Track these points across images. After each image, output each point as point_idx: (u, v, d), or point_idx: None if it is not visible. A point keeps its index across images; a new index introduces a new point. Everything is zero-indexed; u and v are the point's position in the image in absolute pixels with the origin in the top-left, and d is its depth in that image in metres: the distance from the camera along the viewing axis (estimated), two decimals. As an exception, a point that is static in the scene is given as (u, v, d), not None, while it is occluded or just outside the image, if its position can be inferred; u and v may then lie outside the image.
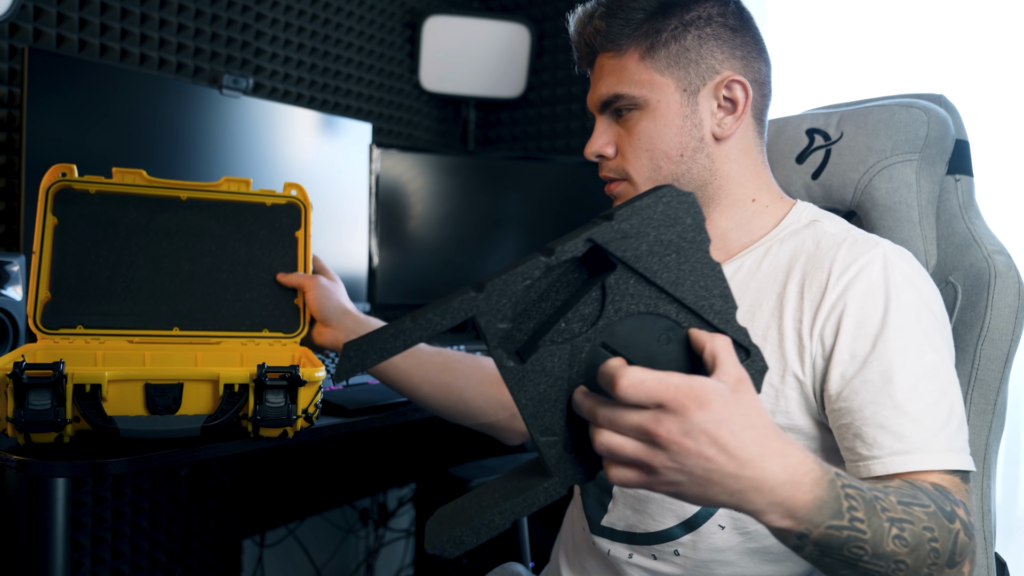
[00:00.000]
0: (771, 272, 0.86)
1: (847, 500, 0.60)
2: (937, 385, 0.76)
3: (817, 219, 0.89)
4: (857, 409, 0.76)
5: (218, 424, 0.89)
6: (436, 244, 1.93)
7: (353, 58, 2.00)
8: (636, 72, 0.87)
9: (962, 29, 1.53)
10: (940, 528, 0.64)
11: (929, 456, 0.73)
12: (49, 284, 0.99)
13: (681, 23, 0.86)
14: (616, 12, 0.88)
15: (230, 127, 1.54)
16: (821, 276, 0.81)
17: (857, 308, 0.78)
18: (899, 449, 0.73)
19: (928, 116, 0.95)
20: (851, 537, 0.60)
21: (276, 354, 1.06)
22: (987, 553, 0.90)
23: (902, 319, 0.77)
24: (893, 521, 0.62)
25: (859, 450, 0.76)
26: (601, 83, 0.90)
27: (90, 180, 1.02)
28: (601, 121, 0.92)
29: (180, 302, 1.05)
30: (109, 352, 1.00)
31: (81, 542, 1.52)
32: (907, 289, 0.79)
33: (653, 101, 0.87)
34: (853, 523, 0.60)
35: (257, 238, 1.09)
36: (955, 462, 0.73)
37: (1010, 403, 0.95)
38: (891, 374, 0.75)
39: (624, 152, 0.90)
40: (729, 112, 0.88)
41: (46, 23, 1.41)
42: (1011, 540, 1.48)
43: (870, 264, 0.80)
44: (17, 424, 0.82)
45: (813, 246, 0.84)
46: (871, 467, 0.75)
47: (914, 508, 0.64)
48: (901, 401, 0.74)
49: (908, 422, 0.74)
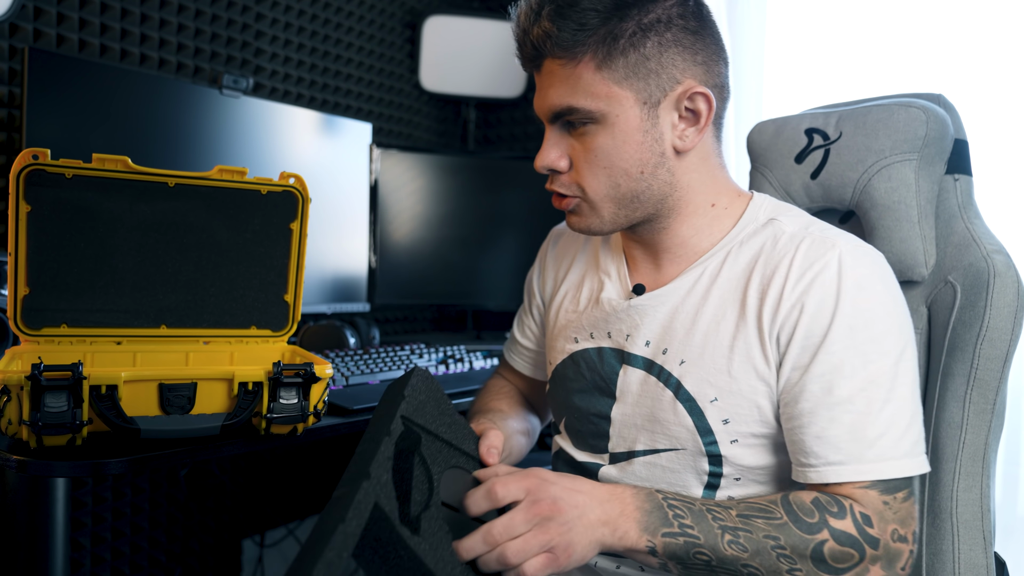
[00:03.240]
0: (732, 279, 0.85)
1: (671, 509, 0.74)
2: (879, 394, 0.77)
3: (775, 216, 0.87)
4: (797, 416, 0.79)
5: (236, 422, 0.89)
6: (436, 244, 1.93)
7: (353, 58, 2.00)
8: (592, 84, 0.80)
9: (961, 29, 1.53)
10: (788, 537, 0.74)
11: (859, 467, 0.76)
12: (27, 277, 0.93)
13: (639, 27, 0.79)
14: (566, 13, 0.79)
15: (230, 127, 1.54)
16: (779, 280, 0.81)
17: (808, 318, 0.78)
18: (833, 460, 0.77)
19: (927, 116, 0.95)
20: (688, 543, 0.73)
21: (266, 353, 1.05)
22: (987, 553, 0.90)
23: (846, 329, 0.77)
24: (726, 529, 0.74)
25: (799, 457, 0.79)
26: (552, 92, 0.83)
27: (66, 164, 0.92)
28: (552, 132, 0.85)
29: (166, 297, 1.01)
30: (97, 353, 0.98)
31: (81, 542, 1.52)
32: (856, 296, 0.78)
33: (611, 116, 0.81)
34: (684, 529, 0.73)
35: (249, 228, 1.03)
36: (886, 471, 0.76)
37: (1010, 403, 0.96)
38: (831, 386, 0.77)
39: (579, 167, 0.84)
40: (691, 124, 0.83)
41: (46, 23, 1.41)
42: (1011, 540, 1.48)
43: (825, 269, 0.79)
44: (33, 427, 0.81)
45: (772, 249, 0.83)
46: (808, 475, 0.78)
47: (755, 520, 0.75)
48: (838, 414, 0.77)
49: (844, 433, 0.76)
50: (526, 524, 0.70)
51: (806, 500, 0.76)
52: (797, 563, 0.73)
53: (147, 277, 1.00)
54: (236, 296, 1.04)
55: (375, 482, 0.64)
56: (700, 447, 0.84)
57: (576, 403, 0.95)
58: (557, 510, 0.71)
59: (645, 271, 0.93)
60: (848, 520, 0.75)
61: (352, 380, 1.25)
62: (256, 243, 1.04)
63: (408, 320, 2.21)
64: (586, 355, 0.94)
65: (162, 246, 1.00)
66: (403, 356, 1.42)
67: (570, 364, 0.96)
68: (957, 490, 0.91)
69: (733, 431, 0.82)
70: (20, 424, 0.83)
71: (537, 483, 0.73)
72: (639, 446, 0.88)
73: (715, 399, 0.83)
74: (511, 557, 0.69)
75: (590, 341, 0.94)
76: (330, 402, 1.14)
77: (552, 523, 0.71)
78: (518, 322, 1.13)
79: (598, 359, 0.93)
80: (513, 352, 1.14)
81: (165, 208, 0.99)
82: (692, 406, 0.84)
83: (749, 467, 0.83)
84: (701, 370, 0.84)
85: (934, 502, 0.92)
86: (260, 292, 1.05)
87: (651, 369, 0.88)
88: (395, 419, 0.72)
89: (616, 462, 0.90)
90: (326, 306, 1.73)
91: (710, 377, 0.83)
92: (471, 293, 1.96)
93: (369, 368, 1.31)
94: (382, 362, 1.36)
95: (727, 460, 0.83)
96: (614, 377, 0.91)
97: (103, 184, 0.96)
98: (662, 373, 0.86)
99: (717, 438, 0.83)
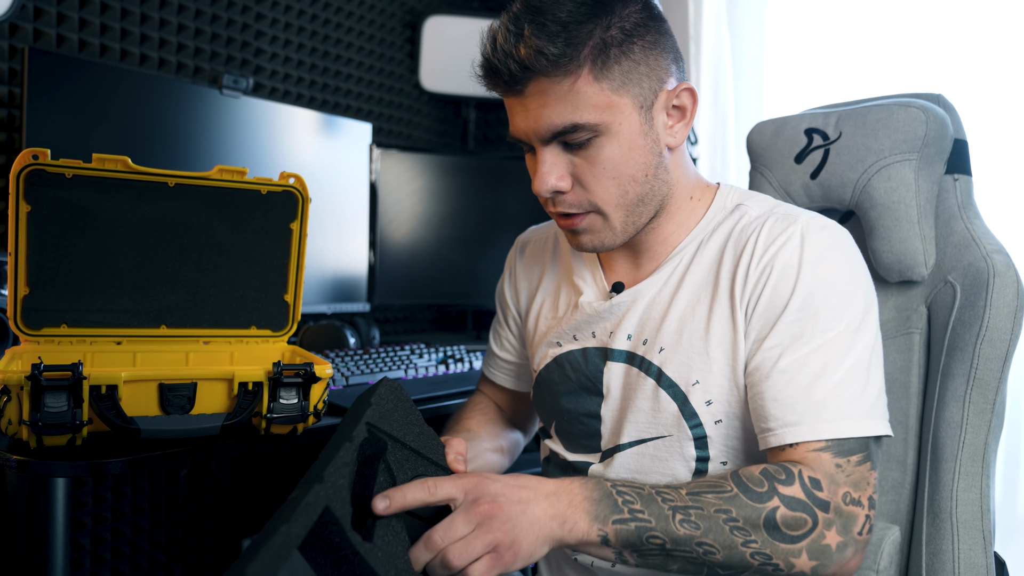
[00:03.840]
0: (704, 264, 0.87)
1: (619, 496, 0.73)
2: (835, 357, 0.78)
3: (741, 202, 0.89)
4: (757, 383, 0.80)
5: (236, 423, 0.89)
6: (436, 244, 1.93)
7: (353, 58, 2.00)
8: (593, 96, 0.78)
9: (960, 29, 1.53)
10: (740, 508, 0.73)
11: (815, 427, 0.77)
12: (27, 277, 0.93)
13: (623, 32, 0.79)
14: (551, 28, 0.77)
15: (230, 127, 1.54)
16: (746, 256, 0.83)
17: (771, 289, 0.80)
18: (790, 421, 0.78)
19: (926, 116, 0.95)
20: (640, 527, 0.72)
21: (266, 353, 1.05)
22: (987, 553, 0.90)
23: (806, 297, 0.79)
24: (676, 509, 0.73)
25: (760, 424, 0.80)
26: (547, 112, 0.80)
27: (66, 164, 0.92)
28: (547, 153, 0.82)
29: (166, 297, 1.01)
30: (97, 354, 0.98)
31: (81, 542, 1.52)
32: (817, 265, 0.80)
33: (615, 125, 0.80)
34: (634, 514, 0.72)
35: (249, 228, 1.03)
36: (838, 431, 0.77)
37: (1010, 403, 0.96)
38: (788, 351, 0.79)
39: (586, 183, 0.82)
40: (679, 119, 0.85)
41: (46, 23, 1.41)
42: (1011, 540, 1.48)
43: (788, 241, 0.81)
44: (33, 427, 0.81)
45: (740, 231, 0.85)
46: (768, 440, 0.79)
47: (705, 496, 0.74)
48: (793, 375, 0.78)
49: (798, 394, 0.78)
50: (467, 525, 0.68)
51: (755, 472, 0.76)
52: (751, 534, 0.72)
53: (147, 277, 0.99)
54: (236, 296, 1.04)
55: (328, 486, 0.63)
56: (687, 432, 0.84)
57: (564, 405, 0.95)
58: (498, 508, 0.69)
59: (623, 270, 0.94)
60: (796, 485, 0.74)
61: (352, 380, 1.25)
62: (256, 243, 1.04)
63: (408, 320, 2.21)
64: (571, 357, 0.94)
65: (162, 246, 1.00)
66: (403, 356, 1.43)
67: (555, 368, 0.96)
68: (957, 490, 0.91)
69: (717, 411, 0.83)
70: (20, 424, 0.83)
71: (475, 482, 0.71)
72: (625, 438, 0.88)
73: (697, 382, 0.84)
74: (454, 560, 0.67)
75: (574, 343, 0.94)
76: (330, 402, 1.14)
77: (494, 521, 0.68)
78: (494, 335, 1.12)
79: (582, 360, 0.93)
80: (492, 366, 1.13)
81: (165, 208, 0.99)
82: (675, 391, 0.85)
83: (735, 449, 0.84)
84: (680, 355, 0.85)
85: (934, 502, 0.92)
86: (260, 292, 1.05)
87: (632, 361, 0.89)
88: (359, 425, 0.71)
89: (605, 459, 0.91)
90: (326, 306, 1.73)
91: (690, 360, 0.84)
92: (471, 293, 1.96)
93: (369, 368, 1.31)
94: (382, 362, 1.36)
95: (712, 442, 0.84)
96: (599, 375, 0.91)
97: (103, 184, 0.95)
98: (643, 363, 0.87)
99: (702, 420, 0.84)
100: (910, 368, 0.99)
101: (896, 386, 0.99)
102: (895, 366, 1.00)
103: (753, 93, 1.85)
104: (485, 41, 0.82)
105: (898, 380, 0.99)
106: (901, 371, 0.99)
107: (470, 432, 1.02)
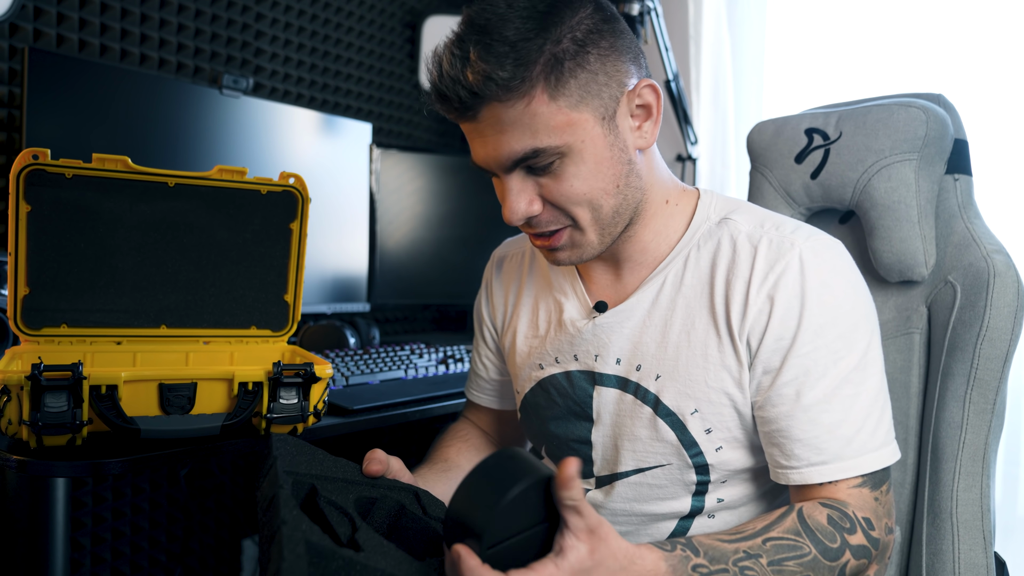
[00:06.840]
0: (695, 285, 0.83)
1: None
2: (851, 390, 0.77)
3: (727, 215, 0.85)
4: (774, 419, 0.79)
5: (236, 423, 0.89)
6: (436, 244, 1.93)
7: (353, 58, 2.00)
8: (550, 117, 0.74)
9: (961, 29, 1.53)
10: (819, 570, 0.72)
11: (843, 464, 0.77)
12: (27, 277, 0.93)
13: (575, 43, 0.74)
14: (497, 49, 0.72)
15: (230, 127, 1.54)
16: (741, 284, 0.80)
17: (777, 321, 0.78)
18: (815, 460, 0.77)
19: (927, 115, 0.95)
20: None
21: (266, 353, 1.05)
22: (987, 553, 0.90)
23: (814, 330, 0.77)
24: None
25: (778, 459, 0.80)
26: (505, 139, 0.76)
27: (66, 164, 0.92)
28: (512, 180, 0.79)
29: (166, 297, 1.01)
30: (97, 354, 0.98)
31: (81, 542, 1.52)
32: (821, 295, 0.78)
33: (577, 144, 0.76)
34: None
35: (249, 228, 1.02)
36: (869, 464, 0.77)
37: (1010, 403, 0.96)
38: (803, 388, 0.77)
39: (557, 201, 0.79)
40: (645, 118, 0.81)
41: (46, 23, 1.41)
42: (1011, 540, 1.48)
43: (787, 270, 0.78)
44: (33, 427, 0.81)
45: (731, 251, 0.82)
46: (789, 476, 0.79)
47: (787, 564, 0.71)
48: (816, 414, 0.77)
49: (823, 433, 0.77)
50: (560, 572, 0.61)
51: (821, 520, 0.74)
52: None
53: (147, 277, 0.99)
54: (236, 296, 1.04)
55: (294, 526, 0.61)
56: (686, 460, 0.83)
57: (553, 431, 0.93)
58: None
59: (603, 284, 0.91)
60: (859, 533, 0.75)
61: (352, 380, 1.25)
62: (256, 243, 1.04)
63: (408, 320, 2.21)
64: (555, 381, 0.92)
65: (162, 246, 1.00)
66: (403, 356, 1.43)
67: (540, 392, 0.94)
68: (957, 490, 0.91)
69: (717, 439, 0.82)
70: (20, 424, 0.83)
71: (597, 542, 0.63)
72: (623, 467, 0.87)
73: (695, 411, 0.82)
74: None
75: (556, 366, 0.92)
76: (330, 402, 1.14)
77: None
78: (475, 354, 1.09)
79: (568, 384, 0.90)
80: (475, 388, 1.10)
81: (165, 208, 0.99)
82: (674, 420, 0.83)
83: (736, 470, 0.84)
84: (678, 383, 0.82)
85: (934, 502, 0.92)
86: (260, 292, 1.05)
87: (626, 387, 0.86)
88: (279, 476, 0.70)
89: (602, 485, 0.89)
90: (326, 306, 1.73)
91: (688, 389, 0.82)
92: (471, 293, 1.96)
93: (369, 368, 1.31)
94: (382, 362, 1.36)
95: (714, 467, 0.83)
96: (588, 400, 0.89)
97: (103, 184, 0.96)
98: (639, 390, 0.85)
99: (702, 448, 0.82)
100: (910, 368, 0.99)
101: (896, 386, 0.99)
102: (895, 366, 1.00)
103: (753, 93, 1.85)
104: (431, 66, 0.77)
105: (898, 380, 0.99)
106: (901, 371, 0.99)
107: (447, 462, 0.98)
